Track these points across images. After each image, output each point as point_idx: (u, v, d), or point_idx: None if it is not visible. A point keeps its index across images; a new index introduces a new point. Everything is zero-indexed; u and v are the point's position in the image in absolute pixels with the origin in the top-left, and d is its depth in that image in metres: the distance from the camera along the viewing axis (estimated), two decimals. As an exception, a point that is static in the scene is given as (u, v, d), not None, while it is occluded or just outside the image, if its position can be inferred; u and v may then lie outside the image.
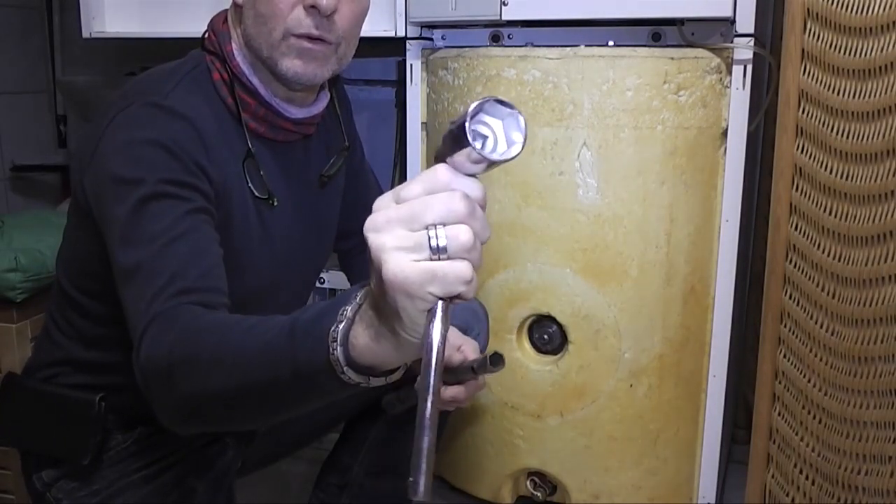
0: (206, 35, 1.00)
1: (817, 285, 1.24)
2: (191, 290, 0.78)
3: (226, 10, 1.02)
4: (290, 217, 1.04)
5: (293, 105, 1.01)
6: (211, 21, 1.01)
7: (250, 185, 0.97)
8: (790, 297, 1.28)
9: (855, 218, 1.19)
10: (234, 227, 0.95)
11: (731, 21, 1.30)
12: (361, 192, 1.25)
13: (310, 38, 0.94)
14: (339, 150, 1.12)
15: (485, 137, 0.53)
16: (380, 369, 0.61)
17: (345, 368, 0.60)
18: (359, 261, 1.28)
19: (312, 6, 0.93)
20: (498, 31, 1.48)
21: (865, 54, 1.15)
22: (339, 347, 0.59)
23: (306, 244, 1.08)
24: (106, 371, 1.01)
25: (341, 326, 0.59)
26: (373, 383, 0.62)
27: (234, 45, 0.98)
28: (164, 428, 1.03)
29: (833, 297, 1.22)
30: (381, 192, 1.31)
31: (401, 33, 1.53)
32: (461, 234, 0.51)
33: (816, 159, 1.22)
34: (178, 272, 0.78)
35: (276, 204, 0.99)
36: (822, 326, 1.24)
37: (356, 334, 0.59)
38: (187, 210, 0.85)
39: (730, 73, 1.33)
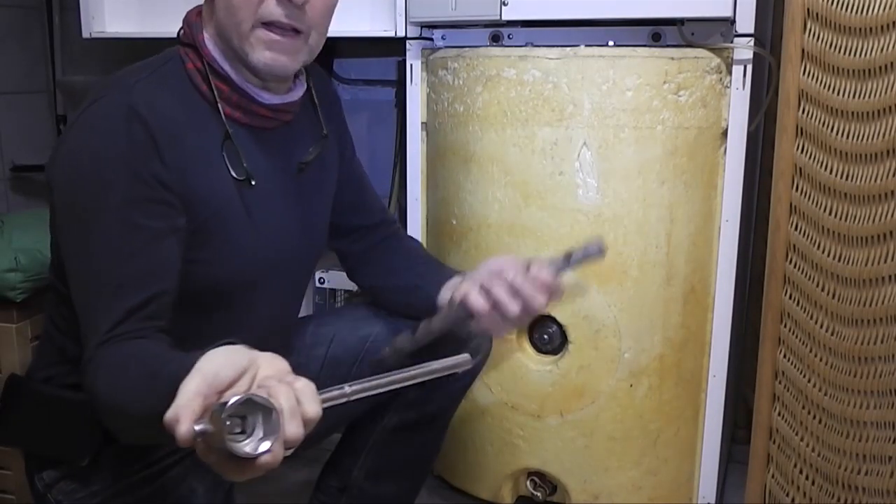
0: (182, 29, 1.02)
1: (817, 285, 1.24)
2: (128, 319, 0.87)
3: (200, 5, 1.03)
4: (274, 201, 1.04)
5: (267, 91, 1.01)
6: (185, 15, 1.02)
7: (229, 167, 0.98)
8: (790, 297, 1.28)
9: (855, 218, 1.19)
10: (215, 214, 0.96)
11: (731, 21, 1.30)
12: (357, 192, 1.25)
13: (280, 27, 0.95)
14: (317, 138, 1.11)
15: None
16: None
17: None
18: (364, 266, 1.27)
19: None
20: (498, 31, 1.48)
21: (865, 54, 1.14)
22: None
23: (292, 232, 1.08)
24: None
25: None
26: None
27: (205, 35, 0.99)
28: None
29: (833, 297, 1.22)
30: (372, 190, 1.30)
31: (401, 33, 1.53)
32: None
33: (816, 159, 1.22)
34: (116, 307, 0.87)
35: (254, 184, 0.99)
36: (822, 326, 1.24)
37: None
38: (142, 234, 0.89)
39: (730, 73, 1.33)
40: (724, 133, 1.36)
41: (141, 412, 0.77)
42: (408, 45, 1.54)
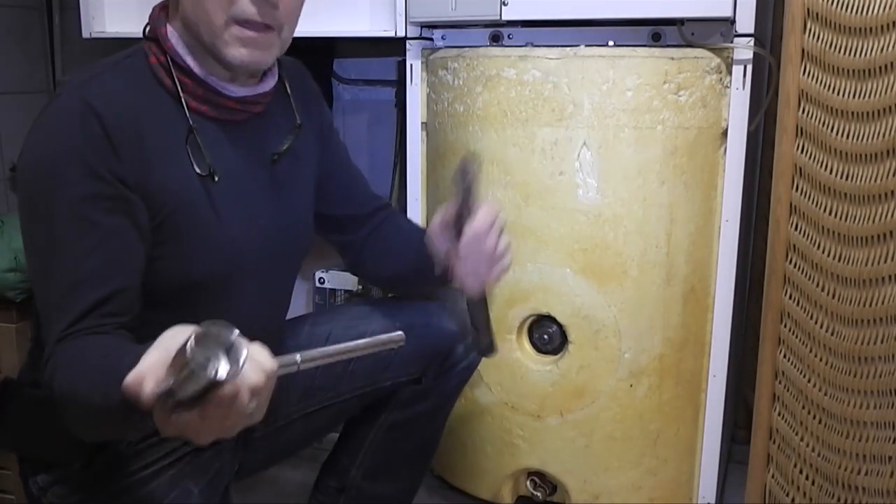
0: (147, 24, 1.01)
1: (817, 285, 1.24)
2: (88, 315, 0.87)
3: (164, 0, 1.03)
4: (244, 194, 1.03)
5: (234, 84, 1.00)
6: (152, 9, 1.02)
7: (193, 163, 0.97)
8: (790, 297, 1.28)
9: (855, 218, 1.19)
10: (178, 209, 0.96)
11: (731, 21, 1.30)
12: (347, 182, 1.24)
13: (254, 24, 0.95)
14: (291, 129, 1.10)
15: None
16: None
17: None
18: (366, 253, 1.24)
19: None
20: (498, 31, 1.48)
21: (865, 54, 1.14)
22: None
23: (267, 225, 1.06)
24: None
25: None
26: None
27: (169, 29, 0.98)
28: (158, 431, 1.03)
29: (833, 297, 1.22)
30: (363, 179, 1.27)
31: (401, 33, 1.52)
32: None
33: (816, 159, 1.22)
34: (74, 305, 0.88)
35: (217, 180, 0.98)
36: (822, 326, 1.24)
37: None
38: (100, 230, 0.89)
39: (730, 73, 1.33)
40: (724, 133, 1.36)
41: (100, 404, 0.78)
42: (408, 45, 1.54)
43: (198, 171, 0.97)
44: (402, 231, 1.24)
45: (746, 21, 1.29)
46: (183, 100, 0.97)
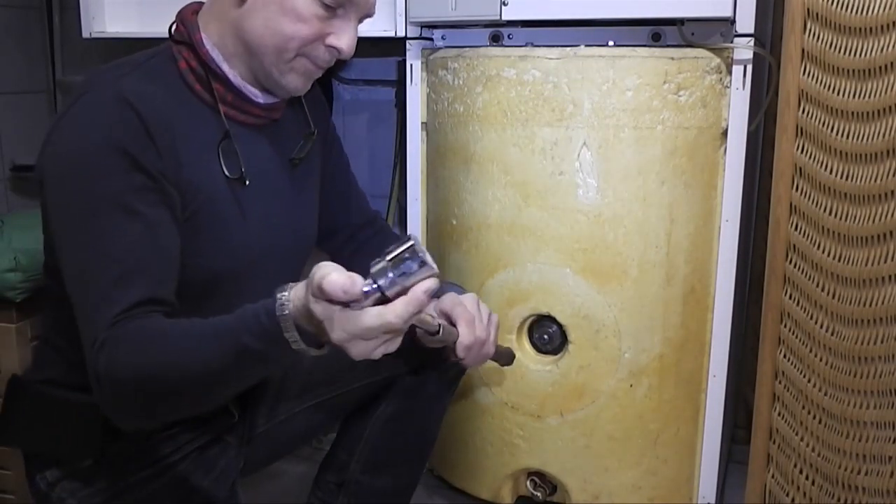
0: (175, 26, 1.02)
1: (817, 285, 1.24)
2: (140, 304, 0.87)
3: (195, 3, 1.03)
4: (266, 198, 1.05)
5: (263, 92, 1.03)
6: (180, 12, 1.03)
7: (223, 166, 0.99)
8: (790, 297, 1.28)
9: (855, 218, 1.19)
10: (205, 208, 0.97)
11: (731, 21, 1.30)
12: (346, 190, 1.27)
13: (320, 64, 1.01)
14: (306, 135, 1.14)
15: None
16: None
17: (291, 330, 0.77)
18: (351, 261, 1.28)
19: (335, 48, 0.99)
20: (498, 31, 1.48)
21: (865, 54, 1.15)
22: (287, 303, 0.77)
23: (284, 227, 1.09)
24: None
25: (287, 295, 0.78)
26: (312, 352, 0.80)
27: (203, 34, 0.99)
28: (166, 428, 1.03)
29: (833, 297, 1.22)
30: (359, 189, 1.30)
31: (401, 33, 1.53)
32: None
33: (816, 159, 1.22)
34: (126, 294, 0.87)
35: (248, 183, 1.00)
36: (822, 326, 1.24)
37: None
38: (139, 219, 0.89)
39: (730, 73, 1.33)
40: (724, 133, 1.36)
41: (200, 368, 0.81)
42: (408, 45, 1.54)
43: (227, 174, 0.99)
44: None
45: (746, 21, 1.29)
46: (219, 106, 0.99)
